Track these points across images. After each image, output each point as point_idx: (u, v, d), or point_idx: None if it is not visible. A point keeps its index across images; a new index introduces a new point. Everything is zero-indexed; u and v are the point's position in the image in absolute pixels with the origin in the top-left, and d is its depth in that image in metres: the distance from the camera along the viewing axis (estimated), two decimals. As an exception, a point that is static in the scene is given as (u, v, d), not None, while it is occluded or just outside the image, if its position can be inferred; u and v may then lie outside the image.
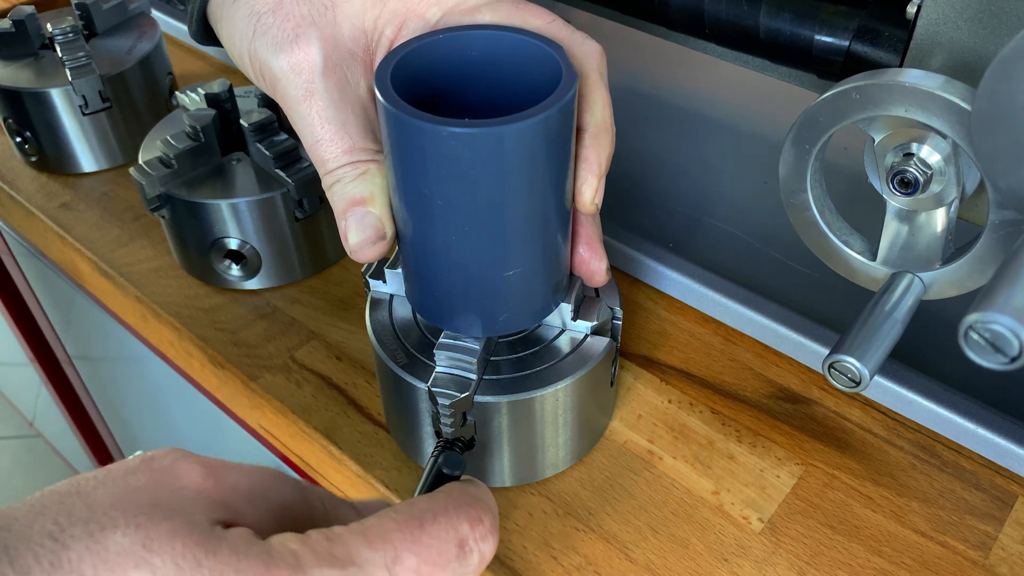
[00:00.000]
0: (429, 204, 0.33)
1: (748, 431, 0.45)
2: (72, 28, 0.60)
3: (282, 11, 0.36)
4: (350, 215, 0.36)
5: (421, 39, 0.35)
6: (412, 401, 0.40)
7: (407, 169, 0.33)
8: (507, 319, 0.38)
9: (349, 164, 0.36)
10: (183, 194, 0.50)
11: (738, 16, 0.42)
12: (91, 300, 0.70)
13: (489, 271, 0.35)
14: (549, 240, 0.36)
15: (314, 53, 0.36)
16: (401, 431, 0.43)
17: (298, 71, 0.36)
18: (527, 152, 0.32)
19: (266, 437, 0.51)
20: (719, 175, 0.61)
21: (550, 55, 0.34)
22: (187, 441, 0.84)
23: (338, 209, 0.37)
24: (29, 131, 0.62)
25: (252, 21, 0.37)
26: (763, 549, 0.40)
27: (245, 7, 0.37)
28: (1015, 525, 0.40)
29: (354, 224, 0.36)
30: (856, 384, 0.35)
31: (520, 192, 0.33)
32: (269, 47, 0.36)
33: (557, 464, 0.43)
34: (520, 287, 0.37)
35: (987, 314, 0.26)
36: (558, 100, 0.32)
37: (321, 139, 0.36)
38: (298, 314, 0.52)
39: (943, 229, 0.36)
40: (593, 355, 0.40)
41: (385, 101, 0.32)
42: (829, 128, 0.36)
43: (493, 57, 0.35)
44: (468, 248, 0.34)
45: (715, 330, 0.50)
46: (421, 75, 0.35)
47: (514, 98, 0.35)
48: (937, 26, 0.35)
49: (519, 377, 0.39)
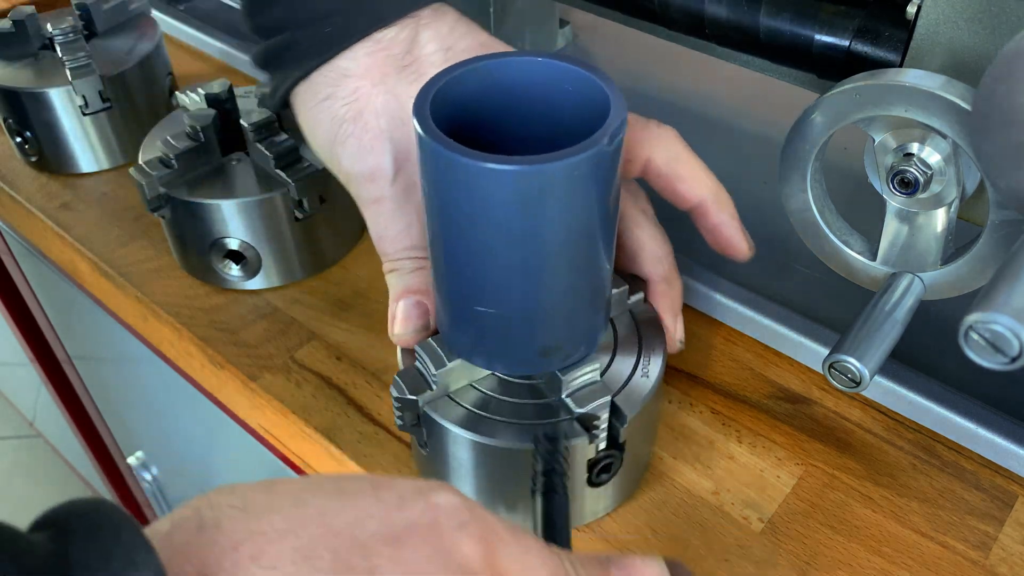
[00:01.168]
0: (537, 250, 0.32)
1: (748, 431, 0.45)
2: (72, 28, 0.60)
3: (362, 121, 0.39)
4: (403, 300, 0.39)
5: (461, 66, 0.33)
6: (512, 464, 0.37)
7: (448, 203, 0.32)
8: (599, 326, 0.37)
9: (408, 258, 0.40)
10: (183, 194, 0.50)
11: (738, 16, 0.42)
12: (91, 300, 0.70)
13: (592, 286, 0.35)
14: (609, 253, 0.35)
15: (386, 164, 0.39)
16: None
17: (371, 178, 0.39)
18: (616, 155, 0.31)
19: (266, 437, 0.51)
20: (719, 175, 0.61)
21: (597, 85, 0.32)
22: (187, 441, 0.84)
23: (394, 292, 0.40)
24: (29, 131, 0.62)
25: (335, 127, 0.40)
26: (763, 549, 0.40)
27: (328, 110, 0.40)
28: (1015, 525, 0.40)
29: (405, 310, 0.39)
30: (856, 384, 0.35)
31: (615, 193, 0.32)
32: (347, 155, 0.40)
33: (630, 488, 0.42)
34: (607, 289, 0.37)
35: (987, 314, 0.26)
36: (604, 135, 0.30)
37: (384, 236, 0.40)
38: (298, 314, 0.52)
39: (943, 229, 0.36)
40: (657, 366, 0.39)
41: (422, 131, 0.30)
42: (829, 128, 0.36)
43: (538, 86, 0.34)
44: (544, 284, 0.33)
45: (715, 330, 0.50)
46: (463, 104, 0.34)
47: (561, 127, 0.34)
48: (937, 26, 0.35)
49: None
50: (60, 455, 1.62)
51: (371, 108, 0.39)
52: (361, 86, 0.39)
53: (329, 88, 0.40)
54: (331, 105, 0.40)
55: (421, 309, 0.39)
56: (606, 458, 0.37)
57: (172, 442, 0.90)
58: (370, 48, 0.39)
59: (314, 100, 0.40)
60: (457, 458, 0.38)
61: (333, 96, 0.39)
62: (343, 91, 0.39)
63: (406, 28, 0.39)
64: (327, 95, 0.40)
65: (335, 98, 0.39)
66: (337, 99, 0.39)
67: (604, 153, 0.30)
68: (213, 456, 0.80)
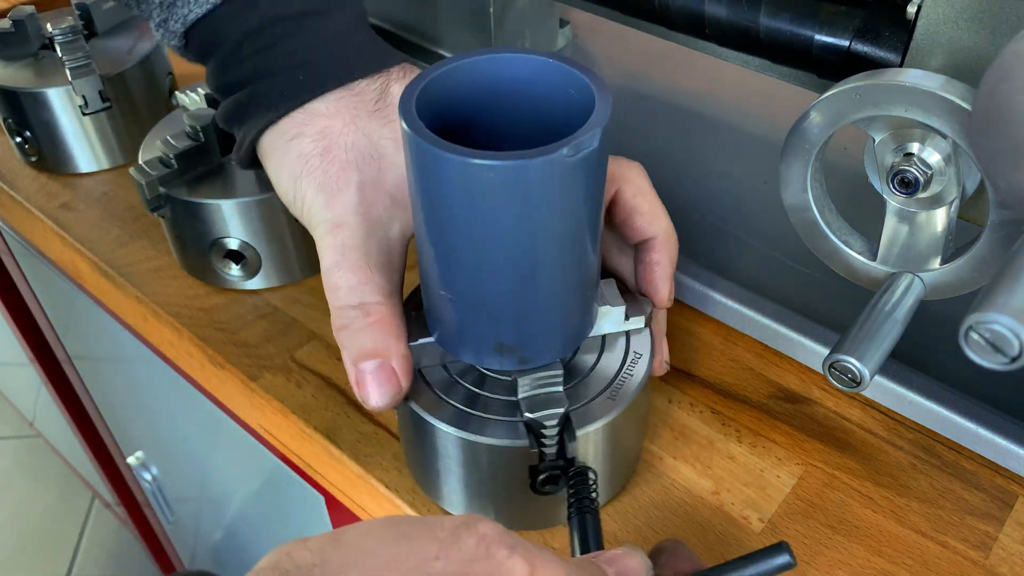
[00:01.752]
0: (487, 244, 0.32)
1: (748, 431, 0.45)
2: (72, 28, 0.60)
3: (330, 155, 0.39)
4: (364, 366, 0.36)
5: (448, 63, 0.34)
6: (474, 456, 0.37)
7: (414, 183, 0.32)
8: (569, 337, 0.37)
9: (358, 306, 0.36)
10: (183, 194, 0.50)
11: (738, 16, 0.42)
12: (91, 300, 0.70)
13: (554, 294, 0.34)
14: (596, 249, 0.35)
15: (350, 194, 0.38)
16: (457, 491, 0.40)
17: (331, 207, 0.38)
18: (588, 167, 0.31)
19: (266, 437, 0.51)
20: (719, 175, 0.61)
21: (582, 80, 0.32)
22: (187, 441, 0.84)
23: (348, 356, 0.36)
24: (29, 131, 0.62)
25: (301, 163, 0.39)
26: (763, 549, 0.40)
27: (297, 147, 0.39)
28: (1015, 525, 0.40)
29: (372, 380, 0.36)
30: (856, 384, 0.35)
31: (585, 207, 0.32)
32: (312, 187, 0.38)
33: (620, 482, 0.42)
34: (581, 302, 0.36)
35: (987, 314, 0.26)
36: (604, 112, 0.30)
37: (339, 264, 0.37)
38: (298, 314, 0.52)
39: (943, 229, 0.36)
40: (643, 367, 0.39)
41: (408, 128, 0.30)
42: (829, 128, 0.36)
43: (524, 82, 0.34)
44: (534, 277, 0.33)
45: (715, 330, 0.50)
46: (449, 101, 0.34)
47: (547, 122, 0.34)
48: (937, 26, 0.35)
49: (583, 407, 0.38)
50: (60, 455, 1.63)
51: (340, 144, 0.39)
52: (331, 125, 0.39)
53: (297, 128, 0.39)
54: (299, 143, 0.39)
55: (386, 373, 0.36)
56: (551, 469, 0.37)
57: (172, 442, 0.90)
58: (342, 94, 0.39)
59: (282, 140, 0.40)
60: (433, 447, 0.39)
61: (301, 135, 0.39)
62: (312, 129, 0.39)
63: (377, 80, 0.40)
64: (296, 134, 0.39)
65: (303, 136, 0.39)
66: (305, 137, 0.39)
67: (555, 161, 0.30)
68: (213, 456, 0.80)
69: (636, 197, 0.40)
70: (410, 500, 0.42)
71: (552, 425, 0.36)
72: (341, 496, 0.48)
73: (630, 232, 0.40)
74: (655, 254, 0.40)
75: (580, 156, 0.30)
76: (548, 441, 0.36)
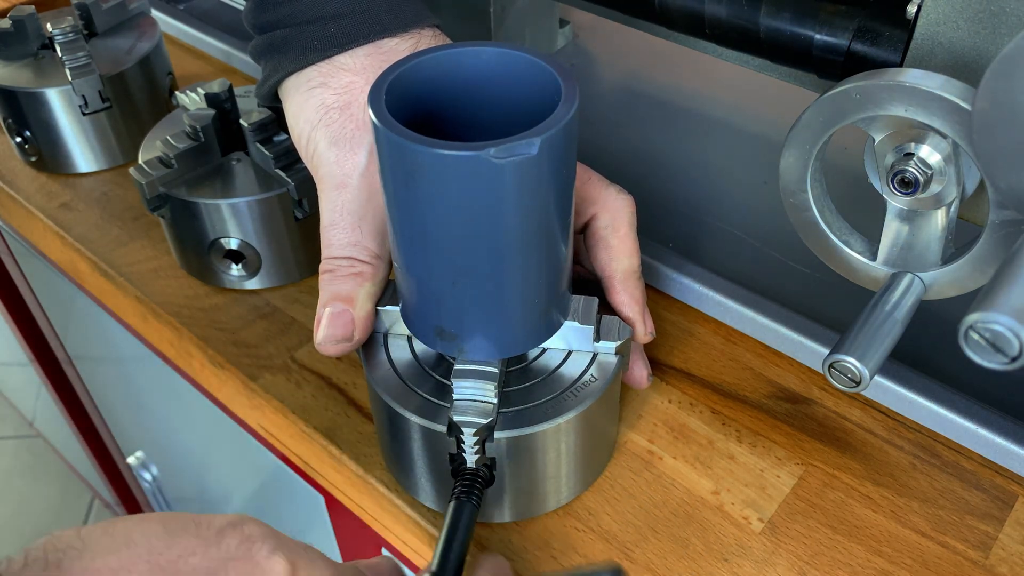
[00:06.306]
0: (423, 225, 0.33)
1: (748, 431, 0.45)
2: (72, 28, 0.60)
3: (348, 111, 0.39)
4: (329, 307, 0.38)
5: (417, 56, 0.34)
6: (422, 439, 0.38)
7: (405, 192, 0.33)
8: (511, 340, 0.37)
9: (347, 258, 0.39)
10: (183, 194, 0.50)
11: (738, 16, 0.42)
12: (91, 300, 0.70)
13: (490, 292, 0.35)
14: (553, 259, 0.35)
15: (360, 155, 0.39)
16: (413, 473, 0.41)
17: (341, 164, 0.39)
18: (523, 174, 0.31)
19: (266, 437, 0.51)
20: (719, 175, 0.61)
21: (550, 73, 0.33)
22: (187, 441, 0.84)
23: (322, 297, 0.39)
24: (29, 131, 0.62)
25: (321, 112, 0.40)
26: (763, 549, 0.40)
27: (318, 97, 0.40)
28: (1015, 525, 0.40)
29: (328, 318, 0.38)
30: (856, 384, 0.35)
31: (520, 213, 0.32)
32: (326, 138, 0.39)
33: (572, 490, 0.42)
34: (524, 307, 0.36)
35: (987, 314, 0.26)
36: (557, 120, 0.31)
37: (335, 224, 0.39)
38: (298, 314, 0.52)
39: (943, 229, 0.36)
40: (607, 374, 0.39)
41: (377, 120, 0.31)
42: (829, 128, 0.36)
43: (493, 76, 0.35)
44: (469, 269, 0.34)
45: (715, 330, 0.50)
46: (419, 94, 0.34)
47: (516, 116, 0.34)
48: (937, 26, 0.35)
49: (532, 407, 0.38)
50: (60, 455, 1.62)
51: (360, 102, 0.39)
52: (355, 81, 0.40)
53: (322, 78, 0.40)
54: (322, 92, 0.40)
55: (345, 319, 0.38)
56: (469, 476, 0.37)
57: (172, 442, 0.90)
58: (370, 51, 0.40)
59: (306, 87, 0.40)
60: (382, 422, 0.40)
61: (325, 85, 0.40)
62: (336, 82, 0.40)
63: (408, 41, 0.40)
64: (320, 83, 0.40)
65: (327, 87, 0.40)
66: (329, 88, 0.40)
67: (552, 138, 0.30)
68: (213, 456, 0.80)
69: (607, 229, 0.40)
70: (410, 500, 0.42)
71: (470, 434, 0.36)
72: (341, 496, 0.48)
73: (593, 262, 0.41)
74: (615, 295, 0.40)
75: (511, 160, 0.30)
76: (466, 446, 0.37)
